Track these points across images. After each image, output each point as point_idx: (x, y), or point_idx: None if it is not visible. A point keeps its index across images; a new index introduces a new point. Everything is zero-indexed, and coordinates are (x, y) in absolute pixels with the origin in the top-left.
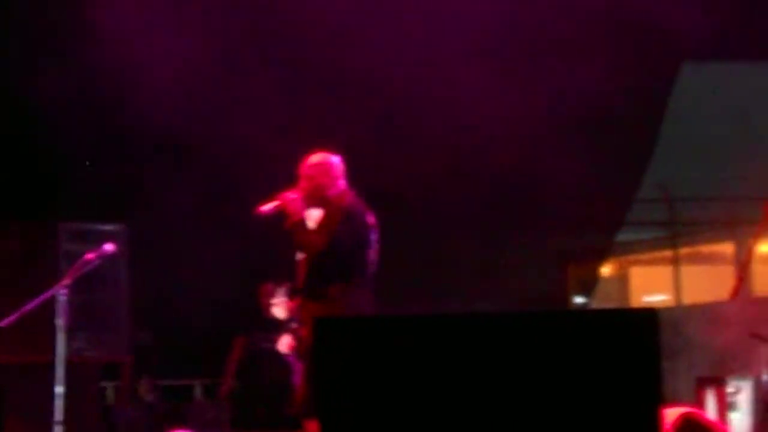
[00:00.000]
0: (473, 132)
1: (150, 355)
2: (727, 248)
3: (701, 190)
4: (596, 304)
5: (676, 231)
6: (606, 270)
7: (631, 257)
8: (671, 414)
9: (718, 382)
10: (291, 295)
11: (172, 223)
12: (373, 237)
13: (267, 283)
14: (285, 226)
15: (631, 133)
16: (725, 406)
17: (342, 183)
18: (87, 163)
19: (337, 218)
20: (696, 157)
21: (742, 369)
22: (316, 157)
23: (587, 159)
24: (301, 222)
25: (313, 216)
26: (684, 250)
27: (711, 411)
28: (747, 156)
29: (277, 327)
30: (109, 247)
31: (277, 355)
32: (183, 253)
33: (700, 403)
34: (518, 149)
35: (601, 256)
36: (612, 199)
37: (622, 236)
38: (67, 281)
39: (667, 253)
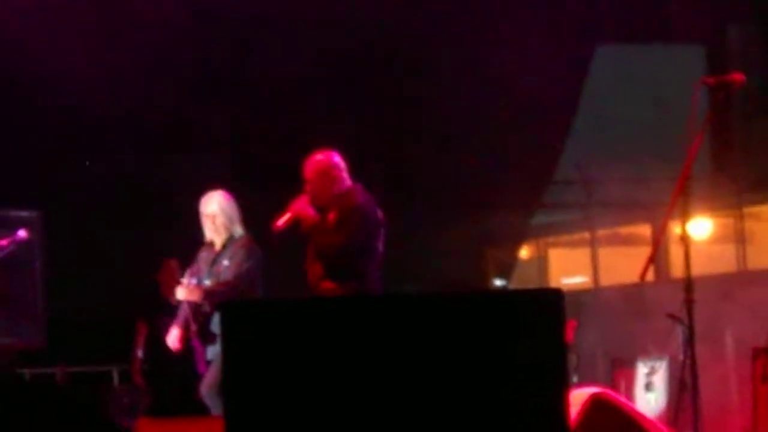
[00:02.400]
0: None
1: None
2: (644, 230)
3: (618, 172)
4: (515, 287)
5: (593, 213)
6: (524, 252)
7: (550, 239)
8: (582, 394)
9: (630, 363)
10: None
11: (87, 210)
12: (382, 231)
13: (171, 260)
14: (302, 231)
15: (547, 115)
16: (636, 386)
17: (346, 180)
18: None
19: (353, 217)
20: (613, 139)
21: (658, 350)
22: (314, 158)
23: (503, 142)
24: (316, 224)
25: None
26: (601, 232)
27: (624, 391)
28: (663, 138)
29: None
30: (22, 233)
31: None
32: (98, 239)
33: (615, 384)
34: (434, 132)
35: (520, 239)
36: (530, 182)
37: (540, 219)
38: None
39: (585, 235)
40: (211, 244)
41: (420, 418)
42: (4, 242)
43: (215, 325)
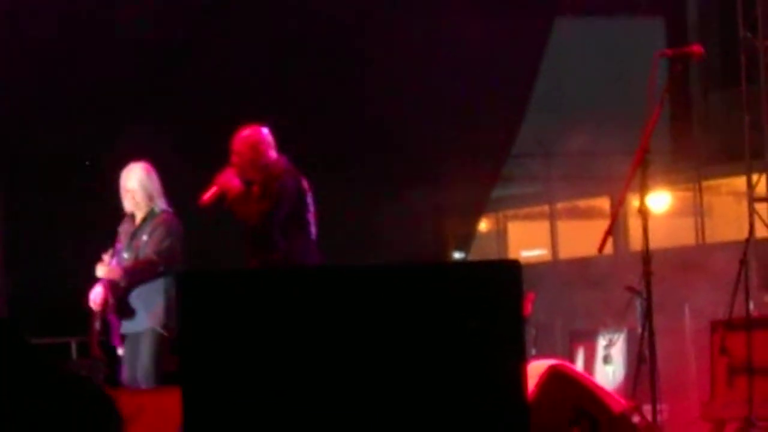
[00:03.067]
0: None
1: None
2: (602, 203)
3: (577, 145)
4: (474, 259)
5: (552, 186)
6: (484, 225)
7: (509, 212)
8: (539, 366)
9: (588, 336)
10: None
11: (44, 184)
12: (309, 200)
13: None
14: (226, 203)
15: (506, 86)
16: (595, 359)
17: (273, 153)
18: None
19: (274, 185)
20: (572, 112)
21: (616, 322)
22: (244, 132)
23: (462, 113)
24: (241, 194)
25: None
26: (560, 205)
27: (580, 364)
28: (622, 111)
29: None
30: None
31: None
32: (56, 212)
33: (573, 356)
34: (392, 102)
35: (478, 212)
36: (488, 154)
37: (499, 191)
38: None
39: (544, 208)
40: (132, 217)
41: (377, 390)
42: None
43: (132, 299)
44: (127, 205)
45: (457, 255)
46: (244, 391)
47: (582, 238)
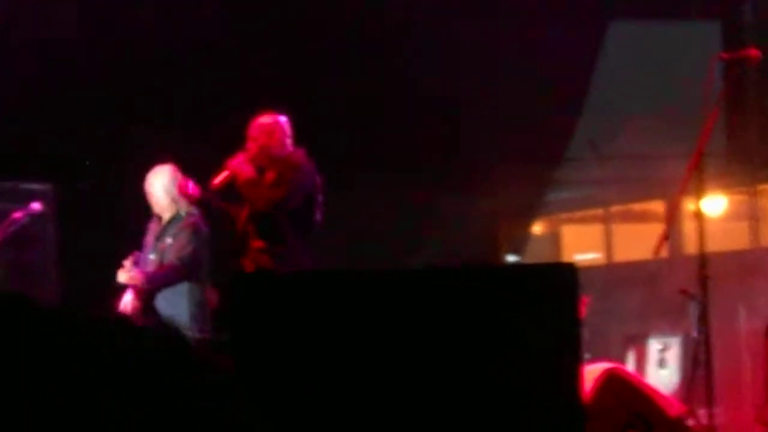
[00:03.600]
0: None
1: None
2: (657, 206)
3: (632, 148)
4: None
5: (606, 189)
6: (537, 228)
7: (563, 216)
8: (595, 370)
9: (642, 340)
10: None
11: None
12: (320, 198)
13: None
14: (238, 188)
15: (560, 90)
16: (649, 363)
17: (290, 143)
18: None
19: (290, 174)
20: (627, 116)
21: (671, 327)
22: (263, 119)
23: (516, 116)
24: (252, 179)
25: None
26: (615, 209)
27: (634, 367)
28: (678, 115)
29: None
30: (36, 206)
31: None
32: (114, 210)
33: (627, 360)
34: (448, 105)
35: (532, 215)
36: (543, 158)
37: (553, 195)
38: None
39: (598, 212)
40: (159, 218)
41: (432, 392)
42: (18, 215)
43: (158, 303)
44: (154, 206)
45: (511, 258)
46: (295, 392)
47: (636, 241)
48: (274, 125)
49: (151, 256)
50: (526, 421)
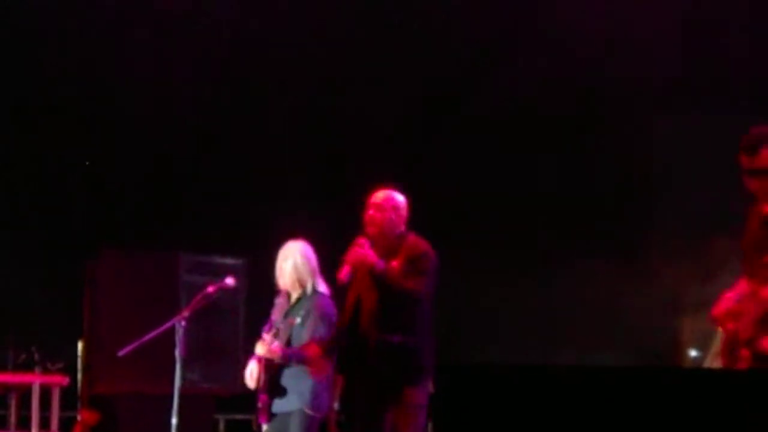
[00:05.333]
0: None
1: None
2: None
3: None
4: (711, 359)
5: None
6: None
7: None
8: None
9: None
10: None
11: None
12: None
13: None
14: (366, 273)
15: None
16: None
17: (403, 223)
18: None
19: (426, 264)
20: None
21: None
22: (384, 195)
23: (700, 212)
24: (386, 271)
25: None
26: None
27: None
28: None
29: None
30: (230, 280)
31: None
32: None
33: None
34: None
35: None
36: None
37: None
38: (186, 312)
39: None
40: (287, 293)
41: None
42: (212, 289)
43: (284, 379)
44: (282, 282)
45: (694, 353)
46: None
47: None
48: (396, 201)
49: (280, 331)
50: None
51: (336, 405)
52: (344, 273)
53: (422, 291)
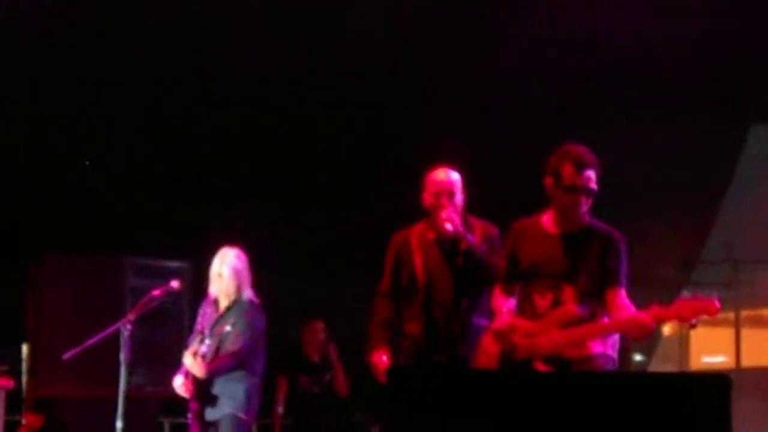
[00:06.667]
0: None
1: None
2: None
3: (762, 253)
4: (656, 364)
5: (738, 292)
6: (666, 329)
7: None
8: None
9: None
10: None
11: None
12: None
13: (317, 321)
14: (462, 246)
15: (698, 193)
16: None
17: None
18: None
19: (498, 242)
20: (763, 219)
21: None
22: (450, 174)
23: (652, 219)
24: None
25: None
26: (745, 313)
27: None
28: None
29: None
30: (175, 283)
31: (326, 395)
32: None
33: None
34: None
35: None
36: (677, 260)
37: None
38: (131, 316)
39: (729, 315)
40: (216, 302)
41: None
42: (157, 292)
43: (216, 384)
44: (215, 289)
45: (638, 358)
46: None
47: (765, 347)
48: (459, 181)
49: (207, 341)
50: None
51: (281, 410)
52: (454, 223)
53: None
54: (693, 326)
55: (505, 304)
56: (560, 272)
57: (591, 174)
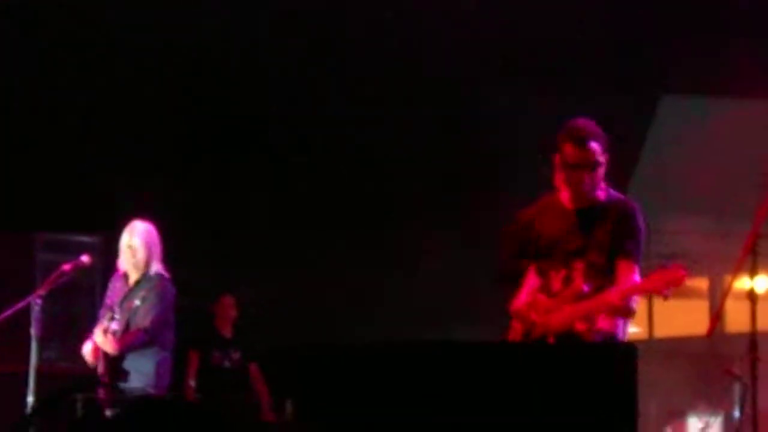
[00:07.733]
0: None
1: None
2: (701, 283)
3: (676, 224)
4: None
5: (649, 264)
6: None
7: None
8: None
9: (681, 417)
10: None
11: None
12: None
13: (227, 296)
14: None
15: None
16: None
17: None
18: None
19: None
20: (674, 191)
21: (712, 405)
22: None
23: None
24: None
25: None
26: None
27: None
28: (722, 191)
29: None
30: (85, 258)
31: (237, 371)
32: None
33: None
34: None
35: None
36: None
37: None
38: (42, 291)
39: None
40: (125, 276)
41: None
42: (67, 267)
43: (127, 359)
44: (124, 263)
45: None
46: None
47: (678, 317)
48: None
49: (117, 317)
50: None
51: (192, 383)
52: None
53: None
54: (666, 298)
55: (528, 282)
56: (572, 248)
57: (593, 146)
